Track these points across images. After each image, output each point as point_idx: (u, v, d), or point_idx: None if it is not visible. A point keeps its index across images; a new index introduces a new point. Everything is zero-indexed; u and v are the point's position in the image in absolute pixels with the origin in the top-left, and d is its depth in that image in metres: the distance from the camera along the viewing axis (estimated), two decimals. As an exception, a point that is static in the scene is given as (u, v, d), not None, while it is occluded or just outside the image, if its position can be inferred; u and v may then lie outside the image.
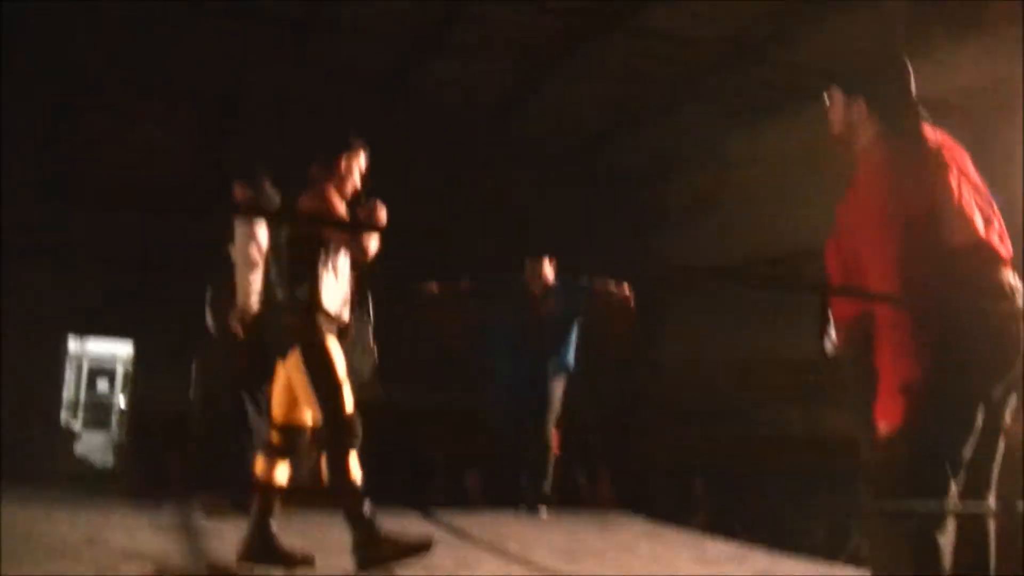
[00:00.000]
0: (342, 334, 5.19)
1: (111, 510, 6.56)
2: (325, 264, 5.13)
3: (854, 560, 6.12)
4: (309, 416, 5.08)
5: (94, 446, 17.28)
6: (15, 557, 4.55)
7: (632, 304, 8.03)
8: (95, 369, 23.95)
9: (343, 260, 5.21)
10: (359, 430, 4.96)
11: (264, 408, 6.81)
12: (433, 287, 7.99)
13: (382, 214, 5.21)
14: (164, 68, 11.99)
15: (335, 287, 5.16)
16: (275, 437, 5.16)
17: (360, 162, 5.36)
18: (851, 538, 6.69)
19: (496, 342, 8.42)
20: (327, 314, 5.07)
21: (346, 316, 5.27)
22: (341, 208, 5.21)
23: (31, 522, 5.68)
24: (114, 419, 21.81)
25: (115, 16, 10.88)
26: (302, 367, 4.97)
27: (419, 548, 4.96)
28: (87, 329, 16.09)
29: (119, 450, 12.41)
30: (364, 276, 5.50)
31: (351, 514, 4.93)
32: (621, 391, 12.73)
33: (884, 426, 3.30)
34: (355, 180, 5.33)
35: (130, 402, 15.96)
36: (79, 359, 23.32)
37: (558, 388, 8.15)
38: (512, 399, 8.22)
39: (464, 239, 12.17)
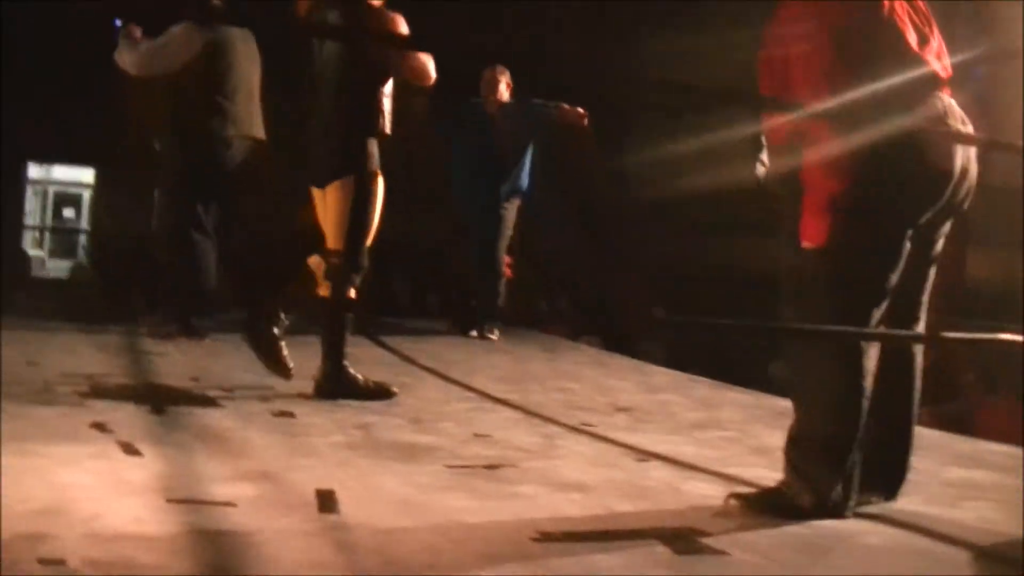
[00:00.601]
0: None
1: (58, 332, 6.57)
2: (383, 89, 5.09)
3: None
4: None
5: (58, 272, 17.27)
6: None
7: (587, 125, 7.95)
8: (61, 196, 23.80)
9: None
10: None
11: (209, 228, 6.81)
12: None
13: (403, 27, 5.01)
14: None
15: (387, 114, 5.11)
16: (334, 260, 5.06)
17: None
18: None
19: (455, 165, 8.35)
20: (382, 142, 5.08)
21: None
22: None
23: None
24: (80, 246, 21.74)
25: None
26: (348, 195, 4.99)
27: (379, 395, 5.01)
28: (48, 156, 15.96)
29: (76, 274, 12.36)
30: None
31: (331, 343, 5.00)
32: (580, 217, 12.64)
33: (807, 245, 3.27)
34: None
35: (92, 228, 15.91)
36: (44, 186, 23.16)
37: (511, 212, 8.11)
38: (469, 223, 8.20)
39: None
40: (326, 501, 3.02)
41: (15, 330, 6.28)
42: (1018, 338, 2.79)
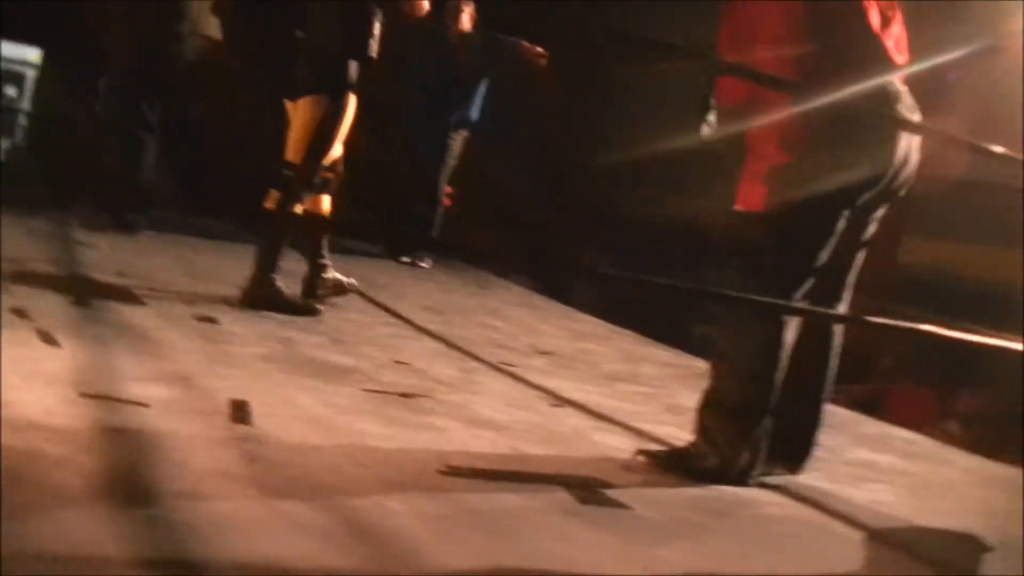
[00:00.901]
0: None
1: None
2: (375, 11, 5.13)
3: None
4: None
5: (-5, 150, 16.95)
6: None
7: (546, 65, 7.92)
8: (3, 73, 23.37)
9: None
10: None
11: (152, 124, 6.71)
12: None
13: None
14: None
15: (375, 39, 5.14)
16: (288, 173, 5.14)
17: None
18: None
19: (408, 85, 8.31)
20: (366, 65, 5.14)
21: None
22: None
23: None
24: (19, 126, 21.33)
25: None
26: (317, 114, 5.06)
27: (303, 311, 5.04)
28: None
29: (12, 155, 12.13)
30: None
31: (263, 254, 5.06)
32: (532, 156, 12.58)
33: (739, 208, 3.30)
34: None
35: (33, 109, 15.60)
36: (-15, 62, 22.70)
37: (457, 142, 8.08)
38: (415, 147, 8.17)
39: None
40: (239, 411, 3.04)
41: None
42: (937, 329, 2.83)
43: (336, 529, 2.26)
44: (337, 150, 5.21)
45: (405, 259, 7.93)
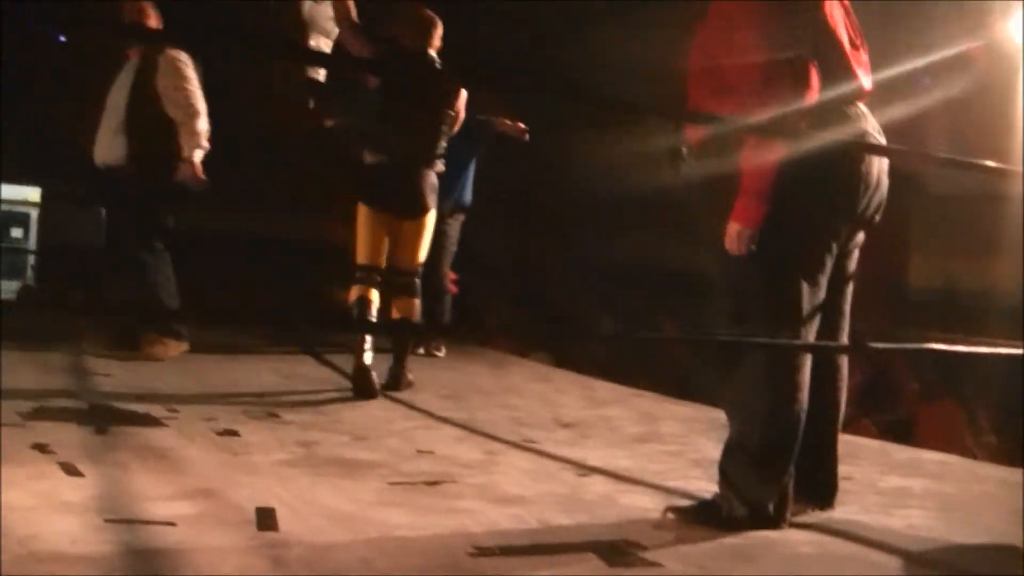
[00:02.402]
0: None
1: (3, 353, 6.52)
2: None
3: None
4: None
5: (7, 293, 17.10)
6: None
7: (526, 139, 7.98)
8: (8, 215, 23.57)
9: None
10: None
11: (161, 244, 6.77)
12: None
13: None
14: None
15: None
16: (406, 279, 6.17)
17: None
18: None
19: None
20: None
21: None
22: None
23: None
24: (28, 266, 21.51)
25: None
26: (427, 225, 6.16)
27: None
28: (-7, 176, 15.84)
29: (23, 295, 12.26)
30: None
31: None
32: (521, 228, 12.65)
33: (737, 227, 3.28)
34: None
35: (39, 247, 15.79)
36: (-11, 206, 22.93)
37: (454, 228, 8.10)
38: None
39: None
40: (265, 518, 3.05)
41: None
42: (943, 347, 2.84)
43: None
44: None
45: (420, 351, 7.93)
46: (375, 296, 5.98)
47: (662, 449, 4.71)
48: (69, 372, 6.04)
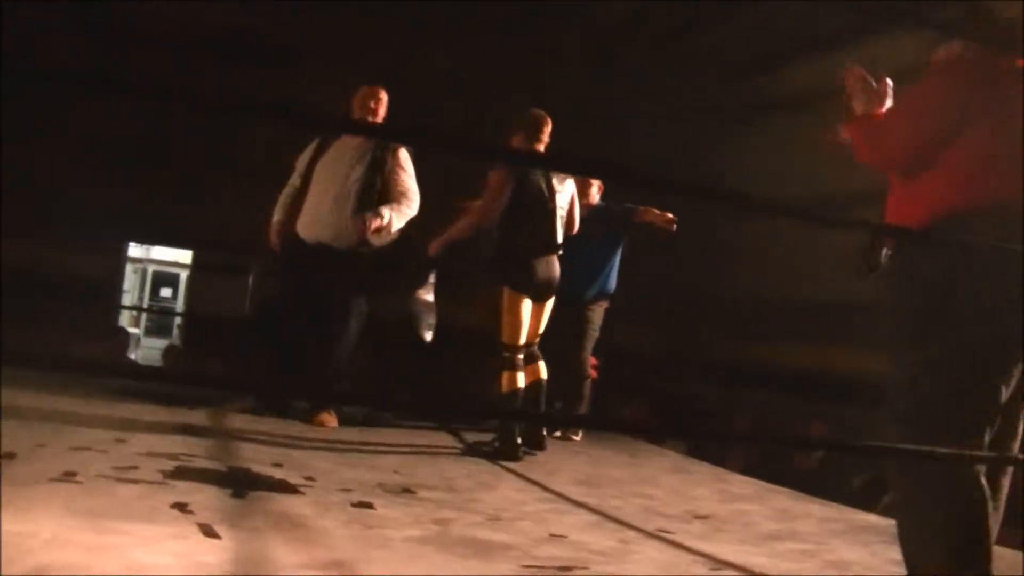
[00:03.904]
0: None
1: (147, 410, 6.67)
2: None
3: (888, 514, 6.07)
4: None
5: (154, 351, 17.56)
6: (35, 452, 4.66)
7: (674, 230, 7.96)
8: (159, 276, 24.25)
9: None
10: None
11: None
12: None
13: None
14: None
15: None
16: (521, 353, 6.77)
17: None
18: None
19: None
20: None
21: None
22: None
23: (65, 417, 5.80)
24: (175, 326, 22.07)
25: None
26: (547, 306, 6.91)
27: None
28: (148, 238, 16.36)
29: (170, 353, 12.57)
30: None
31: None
32: (666, 319, 12.61)
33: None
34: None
35: (187, 308, 16.20)
36: (143, 266, 23.63)
37: (597, 314, 8.11)
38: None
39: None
40: (395, 594, 3.04)
41: (106, 405, 6.45)
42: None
43: None
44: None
45: (556, 433, 7.91)
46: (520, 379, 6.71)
47: (797, 547, 4.60)
48: (211, 433, 6.15)
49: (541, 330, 6.93)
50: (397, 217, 7.13)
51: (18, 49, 9.86)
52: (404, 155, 7.29)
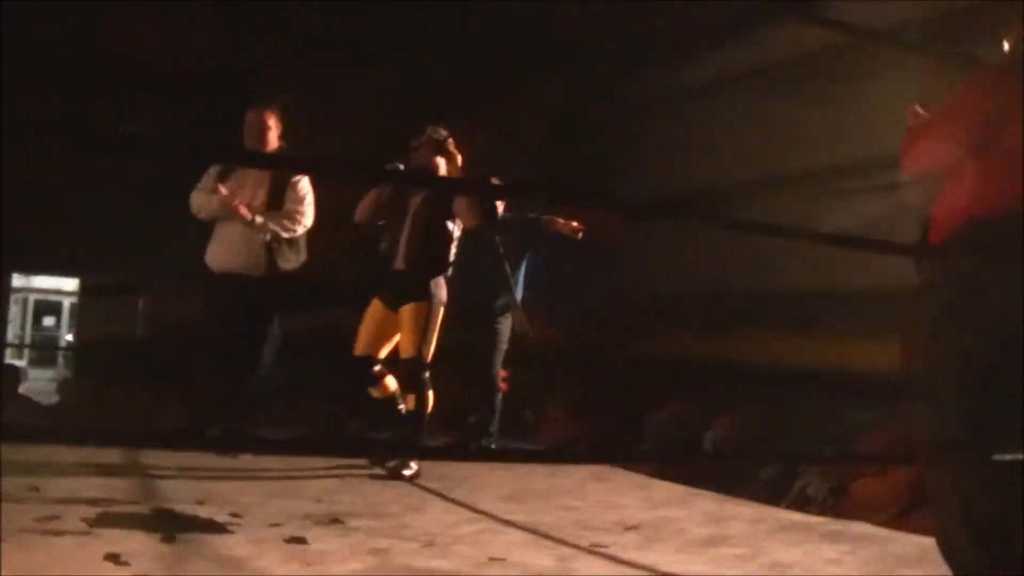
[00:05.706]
0: None
1: (55, 452, 6.49)
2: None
3: (798, 505, 6.14)
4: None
5: (40, 382, 17.13)
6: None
7: (579, 238, 7.96)
8: (41, 304, 23.75)
9: None
10: None
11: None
12: None
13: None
14: None
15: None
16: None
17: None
18: (795, 482, 6.62)
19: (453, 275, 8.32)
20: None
21: None
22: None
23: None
24: (60, 356, 21.60)
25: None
26: (424, 314, 6.68)
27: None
28: (30, 267, 15.95)
29: (64, 387, 12.25)
30: None
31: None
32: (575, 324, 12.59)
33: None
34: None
35: (76, 337, 15.87)
36: (24, 295, 23.12)
37: (505, 326, 8.03)
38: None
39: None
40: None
41: (11, 453, 6.26)
42: None
43: None
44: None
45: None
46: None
47: (733, 552, 4.63)
48: (126, 472, 6.02)
49: (431, 343, 6.74)
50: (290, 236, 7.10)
51: None
52: (304, 180, 7.15)
